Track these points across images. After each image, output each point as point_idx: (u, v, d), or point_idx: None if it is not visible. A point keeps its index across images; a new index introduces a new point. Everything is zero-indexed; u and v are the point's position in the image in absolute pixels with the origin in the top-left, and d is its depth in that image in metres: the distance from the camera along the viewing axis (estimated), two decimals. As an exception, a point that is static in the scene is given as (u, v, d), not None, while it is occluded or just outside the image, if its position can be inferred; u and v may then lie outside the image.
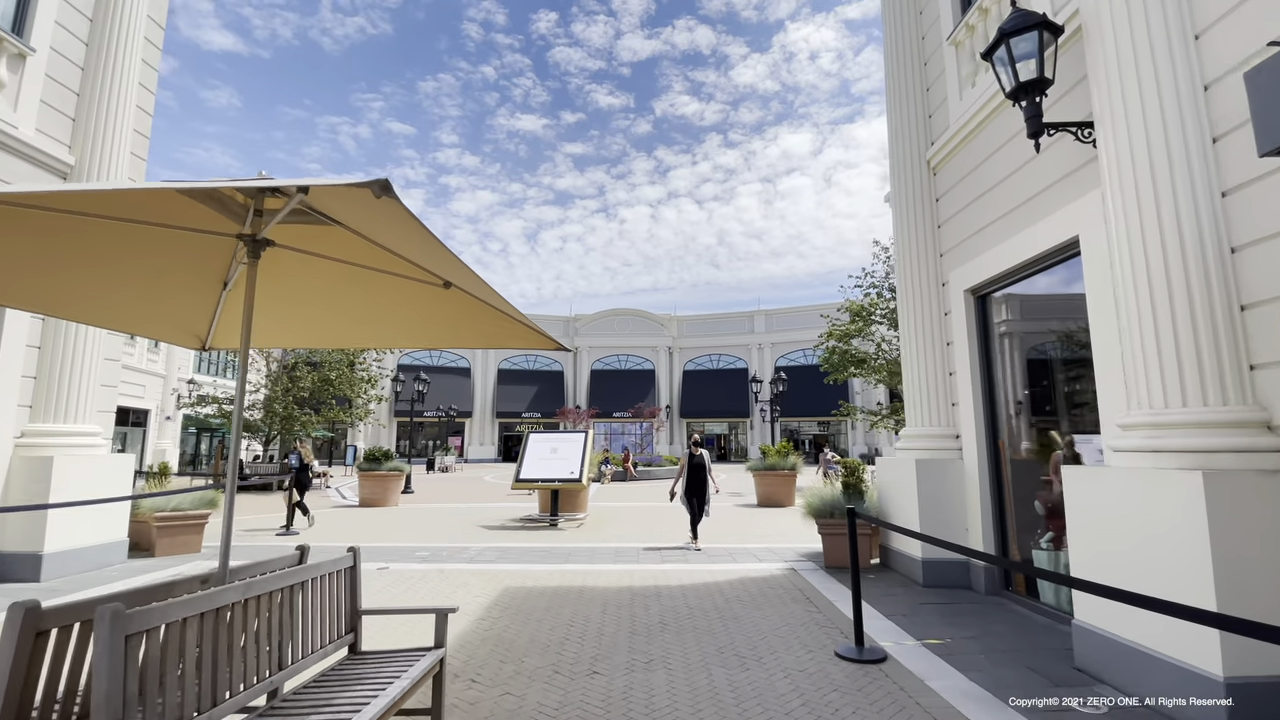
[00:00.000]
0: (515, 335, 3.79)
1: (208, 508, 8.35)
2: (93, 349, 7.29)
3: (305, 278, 3.43)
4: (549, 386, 48.53)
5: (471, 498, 17.60)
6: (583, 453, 11.41)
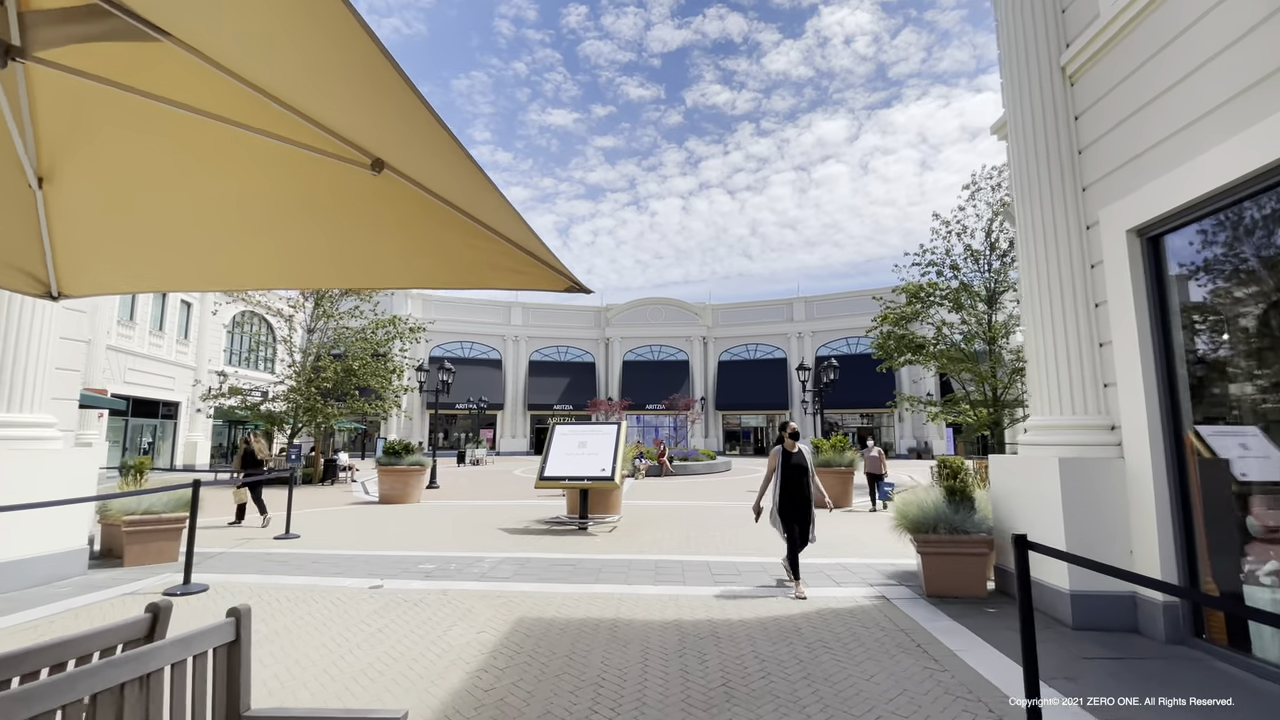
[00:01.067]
0: (502, 265, 2.36)
1: (184, 510, 7.24)
2: (43, 326, 6.19)
3: (130, 154, 2.06)
4: (580, 378, 47.45)
5: (497, 494, 16.42)
6: (615, 447, 10.01)
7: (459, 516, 11.61)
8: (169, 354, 25.80)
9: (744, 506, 13.23)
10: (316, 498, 15.52)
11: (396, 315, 23.58)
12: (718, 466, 24.49)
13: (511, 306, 48.31)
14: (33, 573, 5.78)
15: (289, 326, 23.46)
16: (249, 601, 5.84)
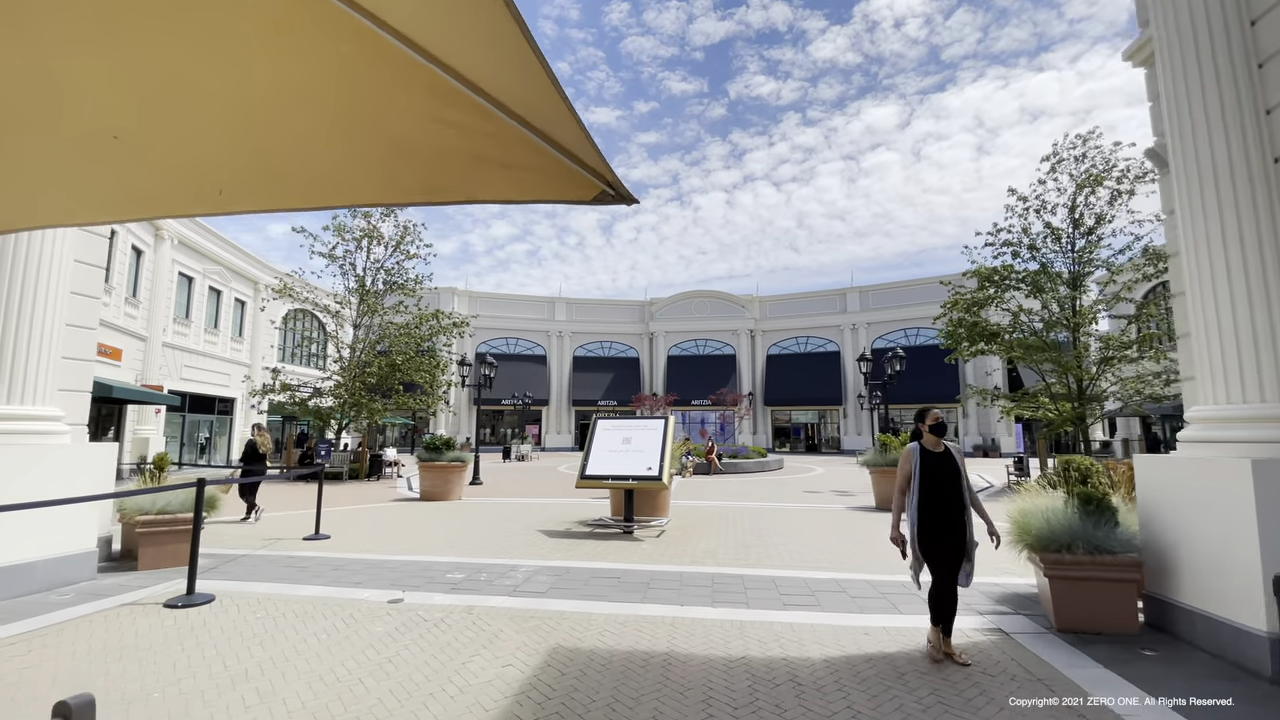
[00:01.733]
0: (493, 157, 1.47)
1: (206, 509, 6.74)
2: (48, 312, 5.73)
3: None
4: (624, 373, 46.76)
5: (540, 491, 15.79)
6: (663, 444, 9.11)
7: (498, 516, 10.96)
8: (224, 351, 26.39)
9: (804, 509, 12.13)
10: (359, 494, 15.24)
11: (439, 310, 23.34)
12: (769, 465, 23.27)
13: (555, 302, 48.02)
14: (31, 578, 5.31)
15: (335, 323, 23.57)
16: (254, 615, 5.23)
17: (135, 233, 19.70)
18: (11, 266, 5.55)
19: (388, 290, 22.58)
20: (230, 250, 26.36)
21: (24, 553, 5.29)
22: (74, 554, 5.69)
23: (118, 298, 18.67)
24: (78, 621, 4.67)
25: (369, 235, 21.84)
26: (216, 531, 8.86)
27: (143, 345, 20.55)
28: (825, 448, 44.23)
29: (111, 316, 18.20)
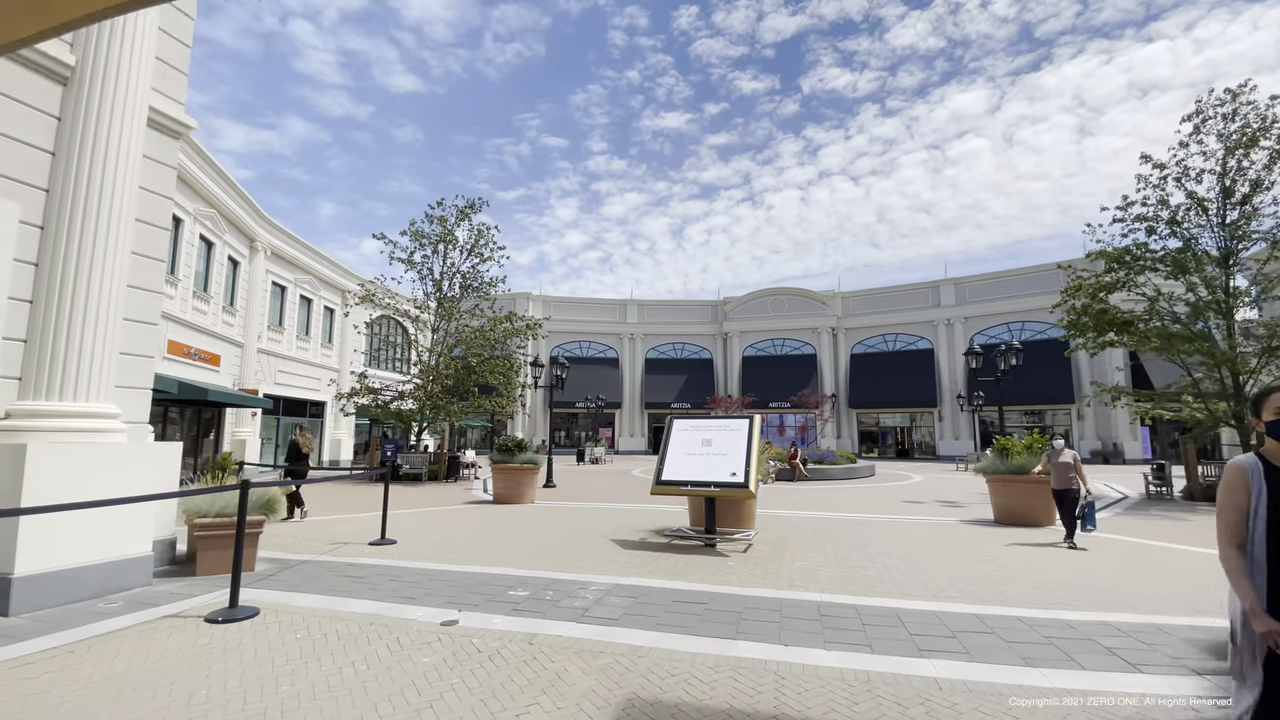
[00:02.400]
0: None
1: (264, 512, 6.40)
2: (104, 306, 5.50)
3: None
4: (698, 375, 45.66)
5: (614, 495, 15.06)
6: (748, 446, 8.06)
7: (570, 522, 10.27)
8: (314, 357, 27.61)
9: (911, 523, 10.67)
10: (435, 495, 15.10)
11: (512, 312, 23.28)
12: (859, 471, 21.49)
13: (626, 304, 47.66)
14: (82, 584, 5.03)
15: (415, 327, 24.04)
16: (294, 636, 4.61)
17: (231, 244, 20.78)
18: (62, 257, 5.34)
19: (463, 294, 22.74)
20: (319, 260, 27.58)
21: (75, 557, 5.02)
22: (128, 558, 5.41)
23: (215, 306, 19.71)
24: (110, 637, 4.26)
25: (444, 240, 22.07)
26: (286, 533, 8.67)
27: (239, 351, 21.65)
28: (918, 453, 41.24)
29: (210, 324, 19.22)
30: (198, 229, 18.39)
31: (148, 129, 6.12)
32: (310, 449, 11.07)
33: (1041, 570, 6.87)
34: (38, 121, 5.35)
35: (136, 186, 5.93)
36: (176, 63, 6.55)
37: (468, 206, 22.25)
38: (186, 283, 17.72)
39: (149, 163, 6.18)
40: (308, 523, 9.81)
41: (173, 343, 16.89)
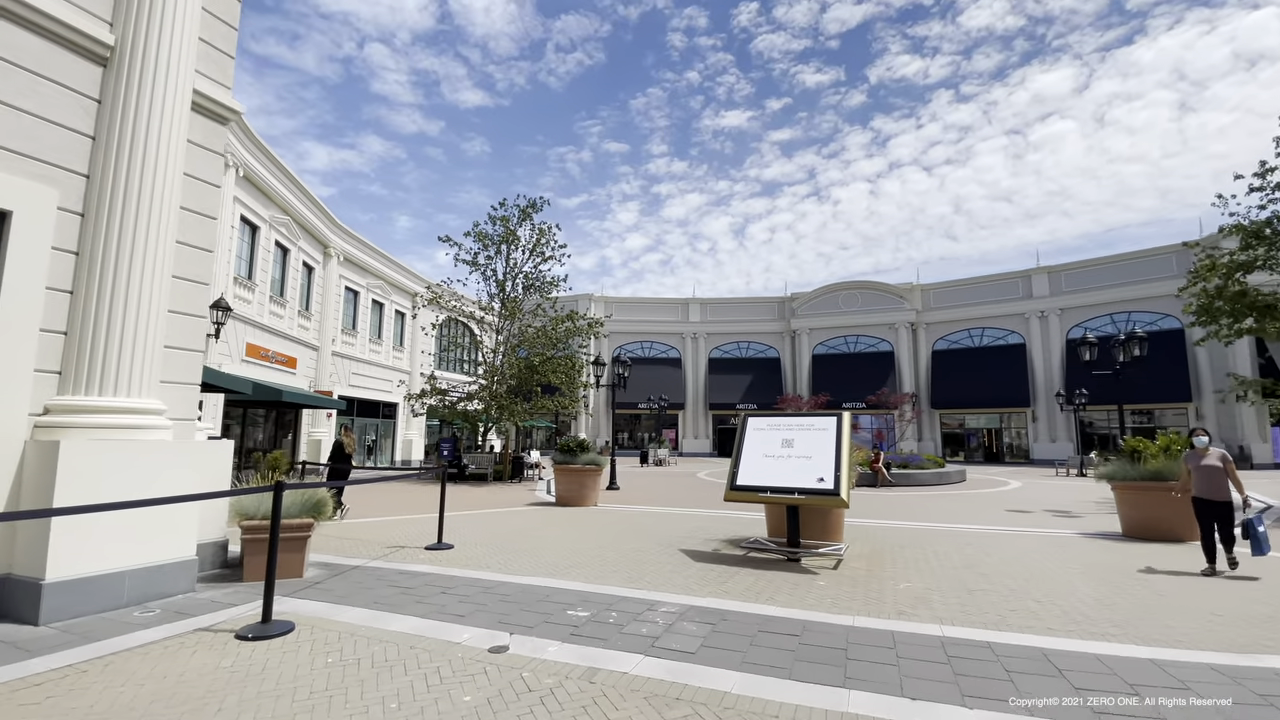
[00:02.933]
0: None
1: (312, 514, 6.01)
2: (147, 296, 5.23)
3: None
4: (764, 374, 44.09)
5: (680, 499, 14.25)
6: (837, 448, 7.05)
7: (635, 528, 9.54)
8: (386, 359, 28.32)
9: (1022, 535, 9.26)
10: (498, 496, 14.80)
11: (574, 311, 22.93)
12: (949, 476, 19.68)
13: (689, 303, 46.70)
14: (118, 591, 4.72)
15: (480, 329, 24.14)
16: (325, 660, 3.01)
17: (306, 250, 21.45)
18: (102, 245, 5.08)
19: (526, 294, 22.60)
20: (390, 265, 28.28)
21: (111, 562, 4.72)
22: (169, 563, 5.09)
23: (291, 310, 20.34)
24: (130, 655, 3.85)
25: (506, 241, 21.97)
26: (343, 535, 8.39)
27: (315, 354, 22.33)
28: (1009, 457, 38.11)
29: (286, 328, 19.83)
30: (273, 235, 19.00)
31: (192, 113, 5.86)
32: (354, 449, 11.02)
33: (1207, 598, 5.53)
34: (76, 104, 5.13)
35: (180, 173, 5.66)
36: (222, 45, 6.29)
37: (529, 206, 22.08)
38: (263, 287, 18.32)
39: (194, 148, 5.92)
40: (367, 524, 9.55)
41: (250, 345, 17.46)
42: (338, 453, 10.94)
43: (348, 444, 10.94)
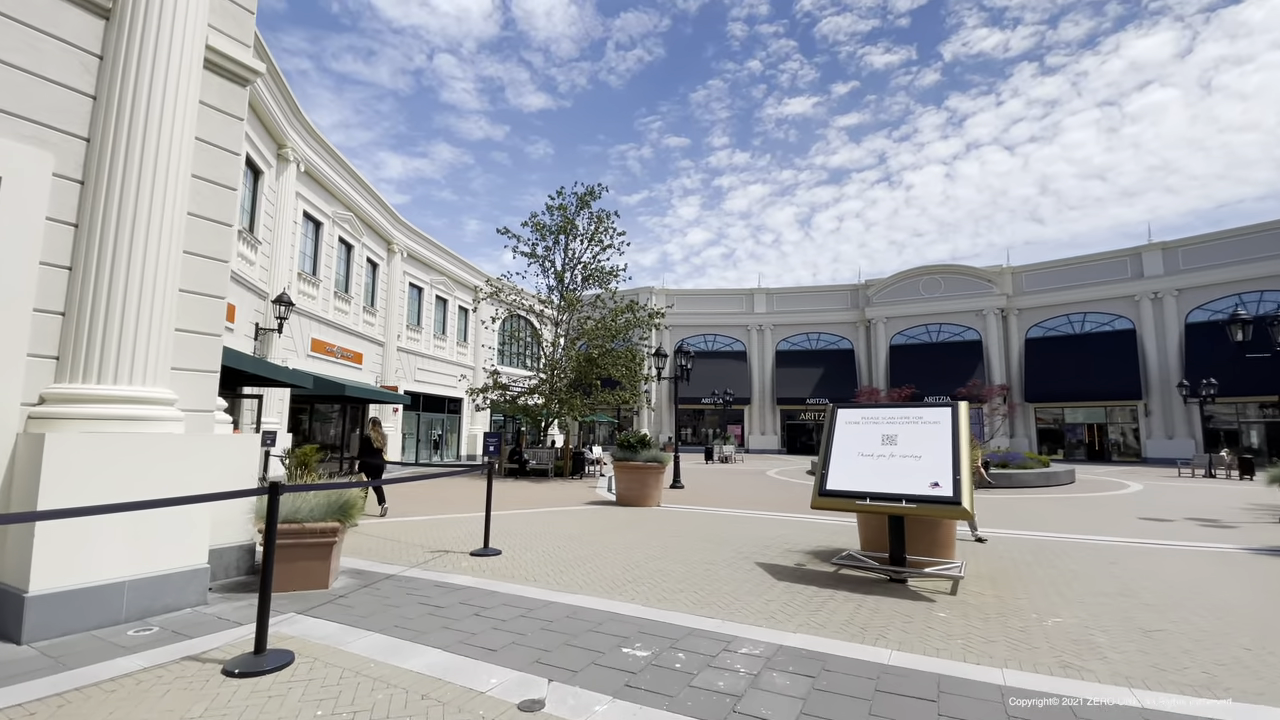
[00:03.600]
0: None
1: (338, 517, 5.33)
2: (154, 274, 4.67)
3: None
4: (836, 367, 41.77)
5: (751, 500, 13.06)
6: (954, 445, 5.74)
7: (703, 533, 8.50)
8: (450, 354, 28.48)
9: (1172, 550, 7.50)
10: (557, 494, 14.12)
11: (634, 300, 22.03)
12: (1057, 477, 17.42)
13: (754, 294, 44.91)
14: (114, 605, 4.15)
15: (539, 321, 23.69)
16: (316, 711, 2.41)
17: (370, 247, 21.60)
18: (102, 216, 4.53)
19: (584, 284, 21.91)
20: (452, 261, 28.37)
21: (106, 571, 4.14)
22: (174, 572, 4.49)
23: (356, 306, 20.50)
24: (94, 691, 3.18)
25: (564, 230, 21.33)
26: (386, 536, 7.79)
27: (380, 350, 22.52)
28: (1116, 455, 34.38)
29: (351, 323, 19.98)
30: (337, 231, 19.13)
31: (205, 72, 5.28)
32: (383, 443, 10.42)
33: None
34: (75, 60, 4.60)
35: (192, 137, 5.09)
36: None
37: (586, 194, 21.33)
38: (327, 283, 18.45)
39: (208, 111, 5.34)
40: (416, 524, 8.97)
41: (315, 341, 17.59)
42: (366, 447, 10.48)
43: (375, 438, 10.37)
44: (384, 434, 10.56)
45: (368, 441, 10.37)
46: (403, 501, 11.46)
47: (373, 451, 10.30)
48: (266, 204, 14.87)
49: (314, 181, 17.43)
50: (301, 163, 16.28)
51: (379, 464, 10.23)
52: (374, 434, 10.29)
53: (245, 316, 13.63)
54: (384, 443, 10.45)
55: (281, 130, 15.03)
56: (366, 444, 10.42)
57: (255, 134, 14.07)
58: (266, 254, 14.94)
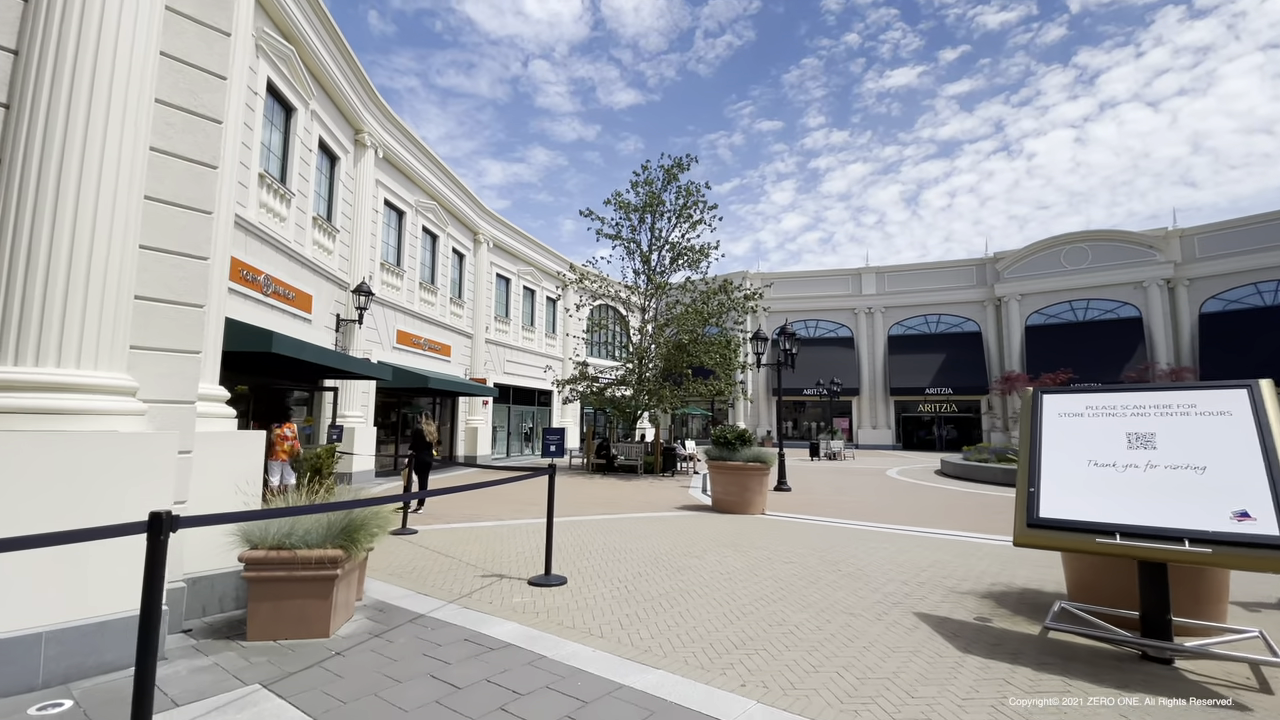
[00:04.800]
0: None
1: (343, 543, 4.02)
2: (96, 224, 3.54)
3: None
4: (960, 351, 37.26)
5: (875, 509, 10.83)
6: (1266, 450, 3.52)
7: (827, 556, 6.57)
8: (539, 346, 27.88)
9: None
10: (646, 494, 12.62)
11: (728, 280, 20.05)
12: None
13: (862, 274, 41.11)
14: (28, 664, 3.03)
15: (625, 309, 22.37)
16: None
17: (455, 237, 21.17)
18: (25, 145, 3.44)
19: (673, 266, 20.24)
20: (539, 251, 27.71)
21: (13, 619, 3.01)
22: (117, 618, 3.33)
23: (443, 298, 20.10)
24: None
25: (650, 208, 19.73)
26: (440, 549, 6.56)
27: (469, 342, 22.12)
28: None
29: (438, 315, 19.59)
30: (420, 220, 18.73)
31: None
32: (436, 438, 9.61)
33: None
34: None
35: (155, 51, 3.94)
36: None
37: (674, 166, 19.60)
38: (412, 274, 18.07)
39: (179, 20, 4.19)
40: (477, 532, 7.74)
41: (401, 333, 17.23)
42: (418, 441, 9.63)
43: (428, 432, 9.57)
44: (435, 429, 9.76)
45: (419, 435, 9.60)
46: (476, 502, 10.41)
47: (425, 446, 9.49)
48: (344, 190, 14.48)
49: (394, 169, 17.02)
50: (380, 148, 15.84)
51: (429, 460, 9.40)
52: (426, 427, 9.53)
53: (324, 307, 13.23)
54: (437, 438, 9.64)
55: (357, 114, 14.57)
56: (418, 438, 9.64)
57: (330, 118, 13.62)
58: (345, 242, 14.57)
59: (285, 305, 11.32)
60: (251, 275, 10.16)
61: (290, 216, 11.74)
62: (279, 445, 9.59)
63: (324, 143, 13.44)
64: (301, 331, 12.00)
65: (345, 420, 13.99)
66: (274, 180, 11.02)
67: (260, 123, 10.59)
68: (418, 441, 9.72)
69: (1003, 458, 17.89)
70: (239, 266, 9.80)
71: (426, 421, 9.90)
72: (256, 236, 10.41)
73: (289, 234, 11.63)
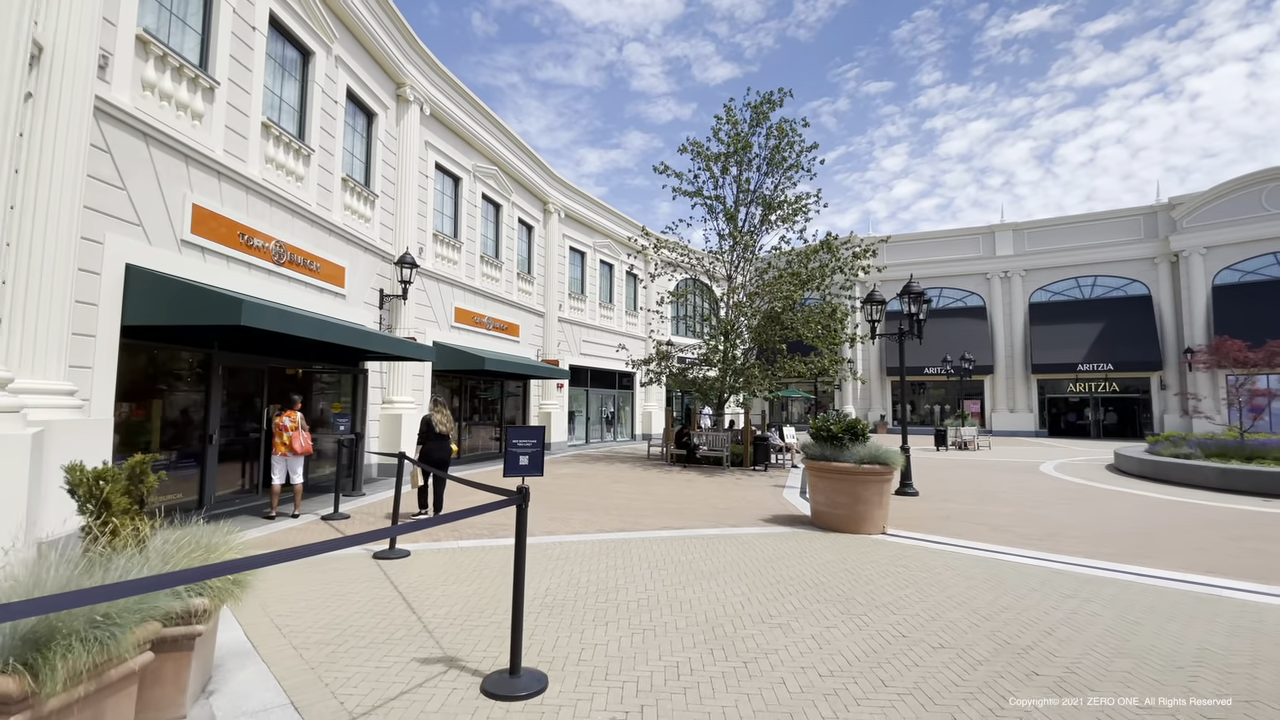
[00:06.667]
0: None
1: (37, 664, 1.99)
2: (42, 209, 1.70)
3: None
4: (1124, 319, 30.89)
5: (1052, 527, 7.62)
6: None
7: (995, 633, 3.80)
8: (619, 325, 25.92)
9: None
10: (727, 497, 10.14)
11: (831, 235, 16.77)
12: None
13: (995, 232, 35.28)
14: None
15: (709, 279, 19.75)
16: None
17: (521, 206, 19.49)
18: None
19: (764, 223, 17.28)
20: (616, 221, 25.60)
21: None
22: None
23: (509, 273, 18.52)
24: None
25: (735, 154, 16.84)
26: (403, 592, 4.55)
27: (540, 321, 20.52)
28: None
29: (503, 292, 18.03)
30: (479, 188, 17.15)
31: None
32: (449, 426, 8.01)
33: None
34: None
35: None
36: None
37: (762, 103, 16.55)
38: (471, 246, 16.55)
39: None
40: (478, 564, 5.68)
41: (460, 310, 15.78)
42: (427, 432, 8.02)
43: (438, 420, 7.93)
44: (449, 416, 7.96)
45: (429, 425, 7.89)
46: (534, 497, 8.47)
47: (436, 437, 7.76)
48: (384, 151, 13.02)
49: (445, 128, 15.46)
50: (426, 104, 14.27)
51: (443, 455, 7.67)
52: (437, 415, 7.76)
53: (362, 280, 11.85)
54: (450, 427, 7.87)
55: (397, 65, 13.02)
56: (428, 428, 7.93)
57: (362, 67, 12.13)
58: (389, 209, 13.15)
59: (307, 277, 9.94)
60: (256, 241, 8.77)
61: (311, 176, 10.32)
62: (278, 437, 8.17)
63: (355, 95, 11.98)
64: (332, 307, 10.64)
65: (391, 407, 12.66)
66: (286, 133, 9.59)
67: (261, 62, 9.13)
68: (428, 431, 8.01)
69: (1216, 454, 13.50)
70: (236, 229, 8.40)
71: (437, 408, 8.17)
72: (261, 196, 9.00)
73: (309, 196, 10.22)
